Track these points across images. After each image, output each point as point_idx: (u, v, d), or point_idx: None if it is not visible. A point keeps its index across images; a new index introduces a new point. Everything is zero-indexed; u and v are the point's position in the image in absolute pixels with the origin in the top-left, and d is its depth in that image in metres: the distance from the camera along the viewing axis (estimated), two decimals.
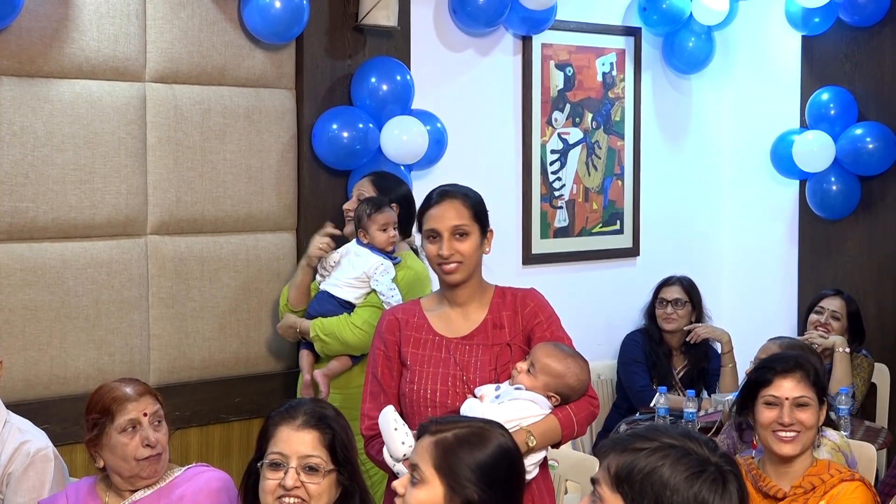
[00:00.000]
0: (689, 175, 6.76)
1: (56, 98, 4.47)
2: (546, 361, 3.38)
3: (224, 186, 4.90)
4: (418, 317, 3.51)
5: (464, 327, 3.50)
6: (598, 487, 2.21)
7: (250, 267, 4.98)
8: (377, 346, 3.50)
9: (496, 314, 3.53)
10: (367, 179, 4.80)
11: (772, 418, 3.37)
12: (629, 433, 2.28)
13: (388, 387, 3.45)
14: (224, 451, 4.94)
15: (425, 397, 3.42)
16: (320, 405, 2.89)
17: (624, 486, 2.18)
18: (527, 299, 3.57)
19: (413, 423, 3.33)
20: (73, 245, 4.54)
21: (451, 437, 2.49)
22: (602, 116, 6.30)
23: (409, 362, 3.45)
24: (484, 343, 3.48)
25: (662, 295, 6.03)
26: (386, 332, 3.49)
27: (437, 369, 3.44)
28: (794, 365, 3.42)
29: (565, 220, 6.18)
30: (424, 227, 3.48)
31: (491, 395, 3.39)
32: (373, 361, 3.50)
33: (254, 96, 4.98)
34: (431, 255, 3.45)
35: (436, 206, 3.46)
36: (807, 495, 3.31)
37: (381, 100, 5.10)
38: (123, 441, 3.23)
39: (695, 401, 5.11)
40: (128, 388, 3.30)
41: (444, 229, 3.43)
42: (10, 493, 3.51)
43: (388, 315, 3.55)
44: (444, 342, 3.47)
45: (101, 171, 4.57)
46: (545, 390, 3.37)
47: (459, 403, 3.42)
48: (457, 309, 3.52)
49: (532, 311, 3.55)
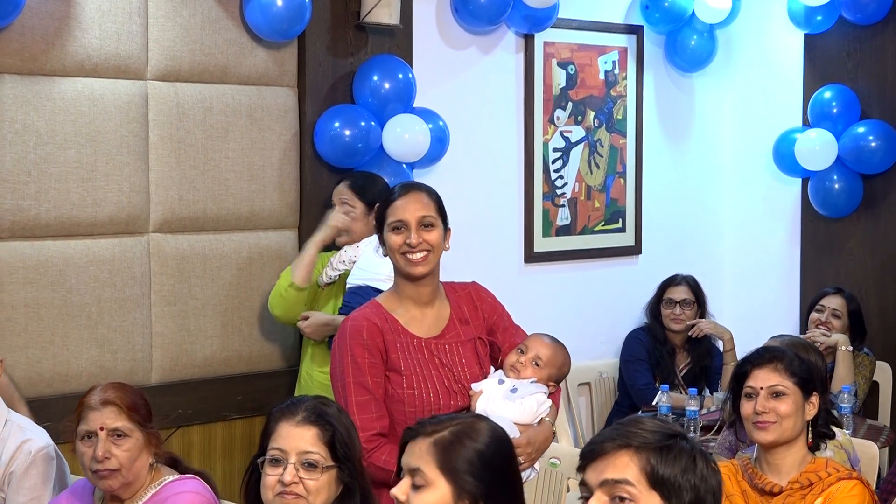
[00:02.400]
0: (691, 173, 6.75)
1: (58, 96, 4.46)
2: (552, 353, 3.55)
3: (226, 184, 4.89)
4: (390, 321, 3.45)
5: (434, 327, 3.51)
6: (624, 487, 2.22)
7: (252, 265, 4.97)
8: (359, 354, 3.37)
9: (458, 310, 3.56)
10: (343, 185, 4.81)
11: (750, 409, 3.39)
12: (629, 429, 2.29)
13: (377, 395, 3.38)
14: (226, 449, 4.94)
15: (428, 401, 3.41)
16: (322, 402, 2.87)
17: (663, 484, 2.22)
18: (481, 293, 3.65)
19: None
20: (76, 243, 4.54)
21: (450, 436, 2.46)
22: (604, 114, 6.29)
23: (402, 368, 3.41)
24: (458, 340, 3.51)
25: (669, 295, 6.02)
26: (369, 340, 3.39)
27: (428, 372, 3.44)
28: (770, 356, 3.45)
29: (567, 219, 6.17)
30: (389, 219, 3.43)
31: (502, 391, 3.42)
32: (355, 371, 3.36)
33: (256, 94, 4.97)
34: (396, 246, 3.41)
35: (401, 198, 3.44)
36: (803, 491, 3.30)
37: (383, 98, 5.09)
38: (81, 450, 3.22)
39: (697, 399, 5.10)
40: (96, 397, 3.22)
41: (411, 219, 3.41)
42: (12, 493, 3.50)
43: (361, 321, 3.42)
44: (423, 343, 3.46)
45: (104, 169, 4.57)
46: (547, 380, 3.53)
47: (459, 402, 3.45)
48: (422, 308, 3.50)
49: (490, 304, 3.64)
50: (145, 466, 3.23)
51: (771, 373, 3.40)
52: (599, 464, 2.29)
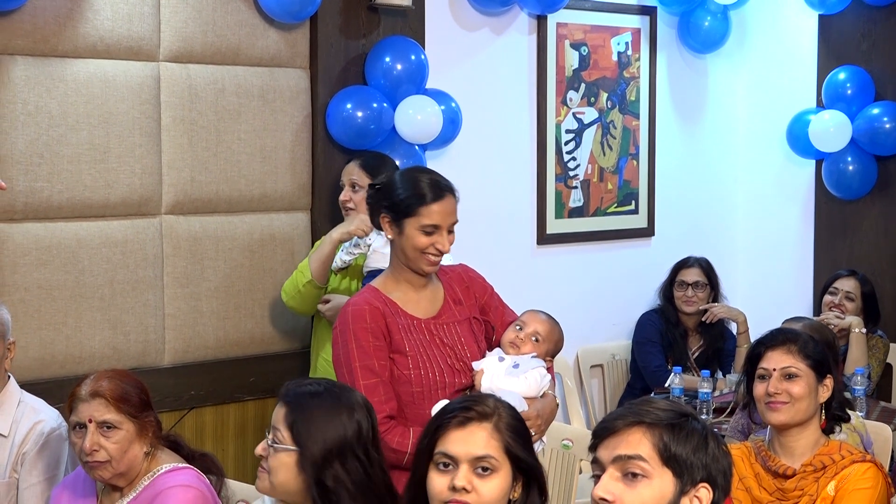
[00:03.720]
0: (704, 155, 6.72)
1: (70, 78, 4.45)
2: (549, 329, 3.62)
3: (238, 166, 4.88)
4: (389, 303, 3.47)
5: (430, 308, 3.54)
6: (637, 463, 2.25)
7: (265, 247, 4.97)
8: (364, 338, 3.38)
9: (450, 291, 3.60)
10: (354, 165, 4.75)
11: (763, 390, 3.39)
12: (641, 407, 2.31)
13: (384, 377, 3.39)
14: (239, 430, 4.94)
15: (434, 380, 3.43)
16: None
17: (675, 461, 2.25)
18: (470, 274, 3.70)
19: (423, 407, 3.35)
20: (88, 225, 4.54)
21: (510, 419, 2.55)
22: (617, 96, 6.27)
23: (407, 349, 3.42)
24: (454, 320, 3.55)
25: (681, 277, 6.02)
26: (372, 323, 3.39)
27: (432, 351, 3.46)
28: (784, 338, 3.45)
29: (580, 200, 6.15)
30: (423, 220, 3.42)
31: (504, 367, 3.46)
32: (361, 355, 3.37)
33: (268, 76, 4.95)
34: (423, 246, 3.42)
35: (438, 203, 3.43)
36: (817, 474, 3.30)
37: (395, 79, 5.07)
38: (73, 440, 3.21)
39: (710, 381, 5.09)
40: (86, 388, 3.18)
41: (445, 225, 3.45)
42: (25, 473, 3.51)
43: (363, 305, 3.43)
44: (422, 324, 3.49)
45: (116, 150, 4.56)
46: (545, 355, 3.60)
47: (462, 381, 3.49)
48: (418, 290, 3.53)
49: (481, 285, 3.69)
50: (139, 456, 3.19)
51: (784, 354, 3.40)
52: (612, 441, 2.31)
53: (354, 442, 2.71)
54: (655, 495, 2.25)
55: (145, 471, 3.21)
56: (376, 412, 3.02)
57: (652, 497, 2.25)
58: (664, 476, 2.26)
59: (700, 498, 2.29)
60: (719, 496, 2.31)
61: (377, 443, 2.78)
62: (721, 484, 2.31)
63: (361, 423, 2.74)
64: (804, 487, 3.30)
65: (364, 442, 2.73)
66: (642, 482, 2.26)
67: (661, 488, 2.26)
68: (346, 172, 4.77)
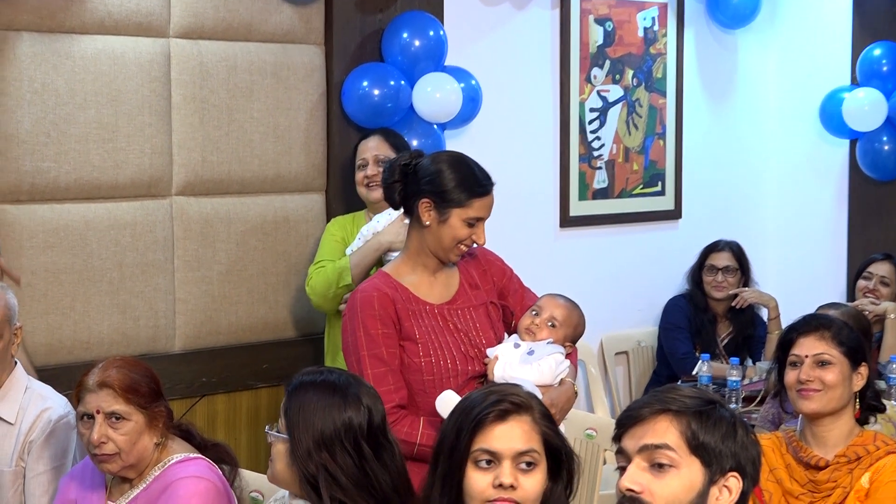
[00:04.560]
0: (733, 134, 6.70)
1: (78, 54, 4.45)
2: (566, 313, 3.61)
3: (251, 146, 4.88)
4: (399, 289, 3.47)
5: (445, 292, 3.54)
6: (665, 452, 2.25)
7: (278, 229, 4.97)
8: (372, 326, 3.39)
9: (466, 275, 3.61)
10: (378, 139, 4.72)
11: (794, 378, 3.38)
12: (667, 395, 2.31)
13: (393, 366, 3.40)
14: (252, 418, 4.95)
15: (446, 368, 3.44)
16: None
17: (703, 450, 2.26)
18: (488, 257, 3.69)
19: (435, 396, 3.34)
20: (96, 206, 4.54)
21: (541, 407, 2.55)
22: (643, 73, 6.25)
23: (417, 336, 3.43)
24: (469, 305, 3.56)
25: (711, 262, 6.00)
26: (381, 310, 3.40)
27: (444, 338, 3.46)
28: (817, 324, 3.43)
29: (604, 182, 6.14)
30: (472, 212, 3.44)
31: (519, 354, 3.46)
32: (369, 343, 3.38)
33: (281, 52, 4.95)
34: (462, 237, 3.45)
35: (488, 196, 3.48)
36: (850, 465, 3.28)
37: (413, 56, 5.06)
38: (81, 430, 3.20)
39: (739, 369, 5.09)
40: (93, 377, 3.17)
41: (487, 218, 3.49)
42: (32, 462, 3.51)
43: (371, 292, 3.44)
44: (435, 310, 3.49)
45: (125, 130, 4.57)
46: (563, 341, 3.59)
47: (476, 368, 3.49)
48: (431, 275, 3.53)
49: (500, 268, 3.69)
50: (149, 447, 3.18)
51: (817, 341, 3.39)
52: (638, 430, 2.30)
53: (344, 435, 2.69)
54: (684, 485, 2.25)
55: (156, 461, 3.21)
56: (385, 402, 3.00)
57: (681, 487, 2.25)
58: (692, 465, 2.26)
59: (729, 487, 2.29)
60: (748, 485, 2.31)
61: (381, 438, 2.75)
62: (750, 472, 2.31)
63: (354, 416, 2.71)
64: (837, 479, 3.28)
65: (357, 435, 2.70)
66: (670, 472, 2.26)
67: (689, 478, 2.26)
68: (367, 149, 4.73)
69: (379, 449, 2.74)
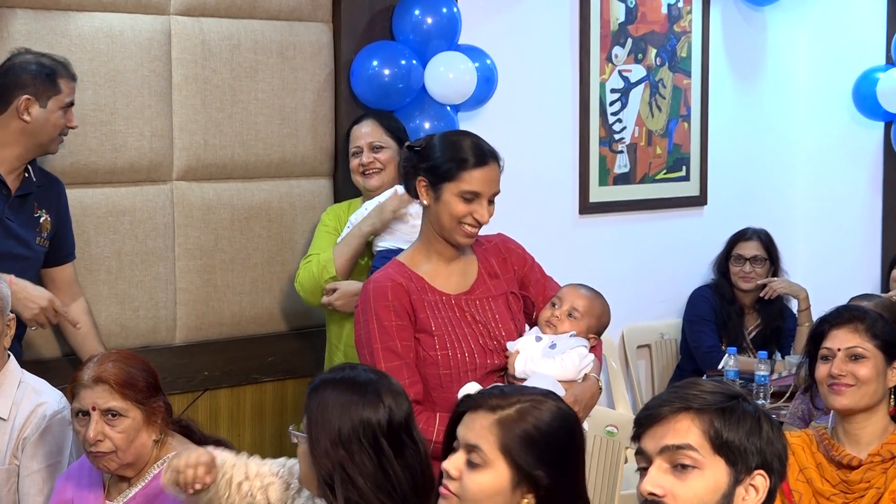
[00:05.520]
0: (762, 117, 6.70)
1: (74, 33, 4.45)
2: (588, 303, 3.59)
3: (255, 128, 4.88)
4: (415, 279, 3.47)
5: (462, 282, 3.54)
6: (687, 453, 2.24)
7: (284, 216, 4.97)
8: (385, 317, 3.39)
9: (486, 263, 3.59)
10: (372, 123, 4.67)
11: (826, 372, 3.37)
12: (687, 391, 2.29)
13: (408, 359, 3.40)
14: (256, 414, 4.95)
15: (463, 361, 3.43)
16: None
17: (727, 448, 2.24)
18: (508, 245, 3.68)
19: (452, 391, 3.33)
20: (93, 192, 4.54)
21: (516, 415, 2.45)
22: (667, 52, 6.24)
23: (433, 328, 3.42)
24: (489, 295, 3.55)
25: (738, 251, 6.00)
26: (395, 301, 3.40)
27: (461, 330, 3.46)
28: (851, 315, 3.42)
29: (626, 166, 6.13)
30: (464, 186, 3.42)
31: (541, 348, 3.44)
32: (382, 336, 3.38)
33: (287, 30, 4.95)
34: (460, 214, 3.43)
35: (481, 169, 3.44)
36: (885, 465, 3.28)
37: (425, 34, 5.06)
38: (76, 428, 3.22)
39: (767, 363, 5.10)
40: (88, 372, 3.19)
41: (486, 193, 3.45)
42: (27, 460, 3.52)
43: (384, 282, 3.44)
44: (452, 300, 3.48)
45: (123, 111, 4.56)
46: (587, 332, 3.58)
47: (495, 361, 3.48)
48: (448, 263, 3.53)
49: (520, 256, 3.68)
50: (147, 444, 3.21)
51: (850, 333, 3.38)
52: (658, 429, 2.29)
53: (363, 433, 2.71)
54: (709, 487, 2.25)
55: (155, 459, 3.22)
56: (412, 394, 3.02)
57: (705, 489, 2.24)
58: (717, 465, 2.26)
59: (756, 486, 2.28)
60: (776, 482, 2.30)
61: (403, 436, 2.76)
62: (777, 469, 2.30)
63: (373, 414, 2.73)
64: (871, 479, 3.28)
65: (376, 433, 2.72)
66: (693, 473, 2.25)
67: (714, 479, 2.25)
68: (361, 136, 4.68)
69: (401, 447, 2.75)
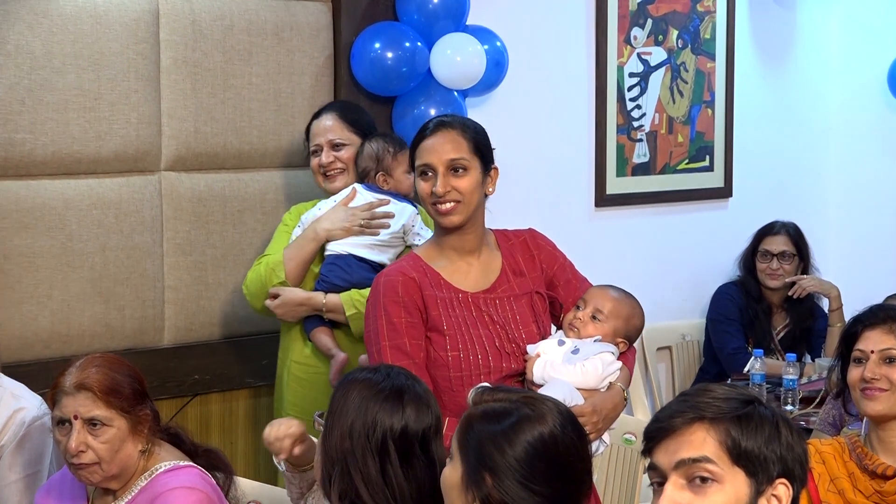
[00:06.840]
0: (791, 103, 6.71)
1: (56, 13, 4.44)
2: (614, 305, 3.57)
3: (249, 115, 4.88)
4: (430, 274, 3.46)
5: (483, 279, 3.52)
6: (705, 466, 2.24)
7: (279, 208, 4.96)
8: (395, 313, 3.39)
9: (511, 260, 3.58)
10: (333, 118, 4.53)
11: (858, 375, 3.37)
12: (699, 399, 2.29)
13: (417, 359, 3.39)
14: (249, 420, 4.96)
15: (476, 364, 3.41)
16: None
17: (746, 458, 2.24)
18: (538, 241, 3.67)
19: (463, 395, 3.28)
20: (77, 182, 4.54)
21: (480, 413, 2.54)
22: (689, 34, 6.23)
23: (445, 327, 3.41)
24: (511, 294, 3.53)
25: (765, 246, 6.00)
26: (405, 296, 3.40)
27: (477, 331, 3.44)
28: (885, 315, 3.42)
29: (645, 156, 6.13)
30: (417, 161, 3.47)
31: (562, 353, 3.42)
32: (391, 333, 3.38)
33: (284, 10, 4.95)
34: (425, 194, 3.45)
35: (430, 138, 3.46)
36: None
37: (431, 14, 5.05)
38: (58, 437, 3.20)
39: (796, 366, 5.10)
40: (70, 378, 3.16)
41: (439, 163, 3.43)
42: (4, 469, 3.53)
43: (396, 276, 3.44)
44: (469, 298, 3.47)
45: (108, 97, 4.56)
46: (614, 336, 3.55)
47: (513, 365, 3.46)
48: (467, 258, 3.52)
49: (549, 254, 3.66)
50: (133, 455, 3.19)
51: (885, 334, 3.38)
52: (671, 443, 2.29)
53: (373, 432, 2.74)
54: (729, 500, 2.25)
55: (141, 470, 3.21)
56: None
57: (726, 503, 2.23)
58: (736, 477, 2.26)
59: (778, 496, 2.29)
60: (797, 489, 2.30)
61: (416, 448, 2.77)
62: (799, 475, 2.31)
63: (388, 418, 2.76)
64: None
65: (386, 436, 2.74)
66: (713, 487, 2.24)
67: (734, 492, 2.25)
68: (320, 132, 4.53)
69: (410, 457, 2.76)
